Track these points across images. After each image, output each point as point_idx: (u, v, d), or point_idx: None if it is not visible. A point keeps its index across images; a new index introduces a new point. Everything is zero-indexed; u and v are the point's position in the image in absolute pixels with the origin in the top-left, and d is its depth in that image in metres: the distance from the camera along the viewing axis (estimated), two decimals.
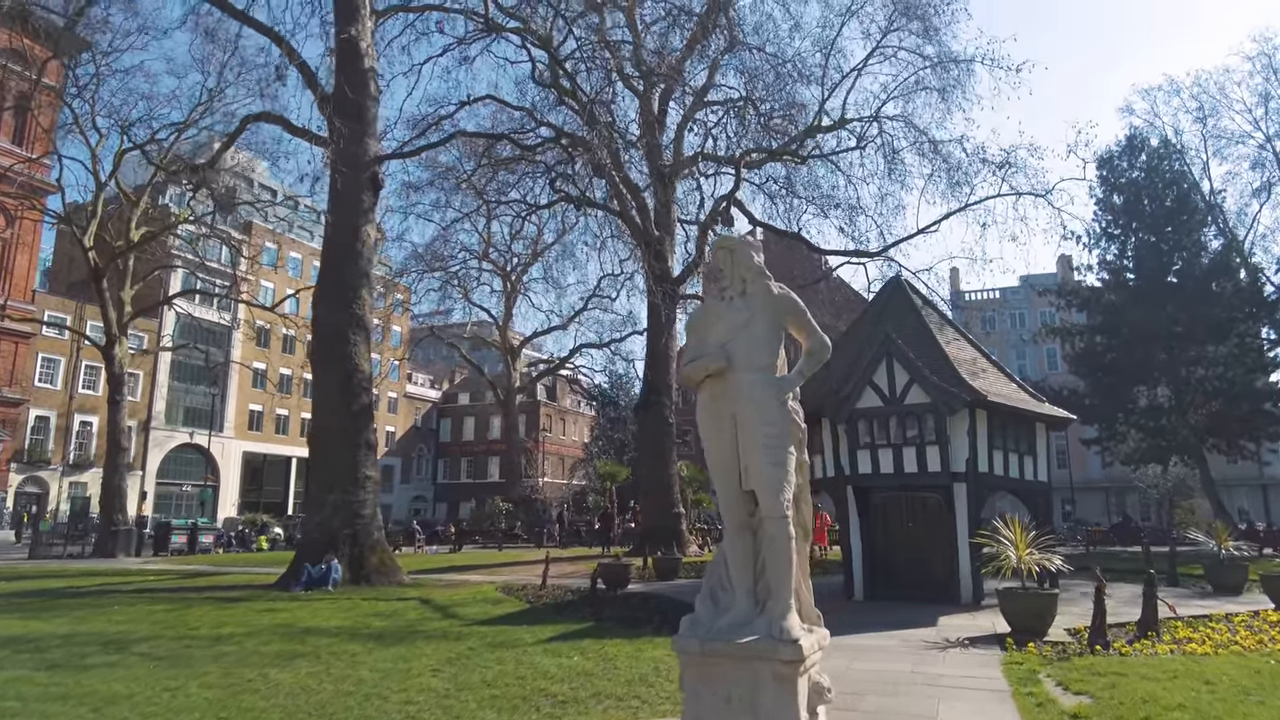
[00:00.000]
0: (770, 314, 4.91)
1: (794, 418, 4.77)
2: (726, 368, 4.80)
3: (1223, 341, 30.89)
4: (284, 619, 10.29)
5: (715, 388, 4.85)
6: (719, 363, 4.76)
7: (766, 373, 4.79)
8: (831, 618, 11.18)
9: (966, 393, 12.42)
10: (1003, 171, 22.76)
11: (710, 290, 5.18)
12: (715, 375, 4.83)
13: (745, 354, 4.81)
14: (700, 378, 4.89)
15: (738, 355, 4.82)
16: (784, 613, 4.37)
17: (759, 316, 4.88)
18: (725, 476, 4.76)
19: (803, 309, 5.01)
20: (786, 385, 4.81)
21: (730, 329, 4.89)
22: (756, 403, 4.66)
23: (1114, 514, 47.20)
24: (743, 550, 4.63)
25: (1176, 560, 16.02)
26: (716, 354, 4.82)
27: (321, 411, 16.03)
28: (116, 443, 29.34)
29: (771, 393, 4.70)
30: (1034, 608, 9.34)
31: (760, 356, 4.80)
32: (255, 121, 19.76)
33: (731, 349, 4.85)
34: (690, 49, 26.85)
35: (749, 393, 4.71)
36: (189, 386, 49.91)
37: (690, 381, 4.95)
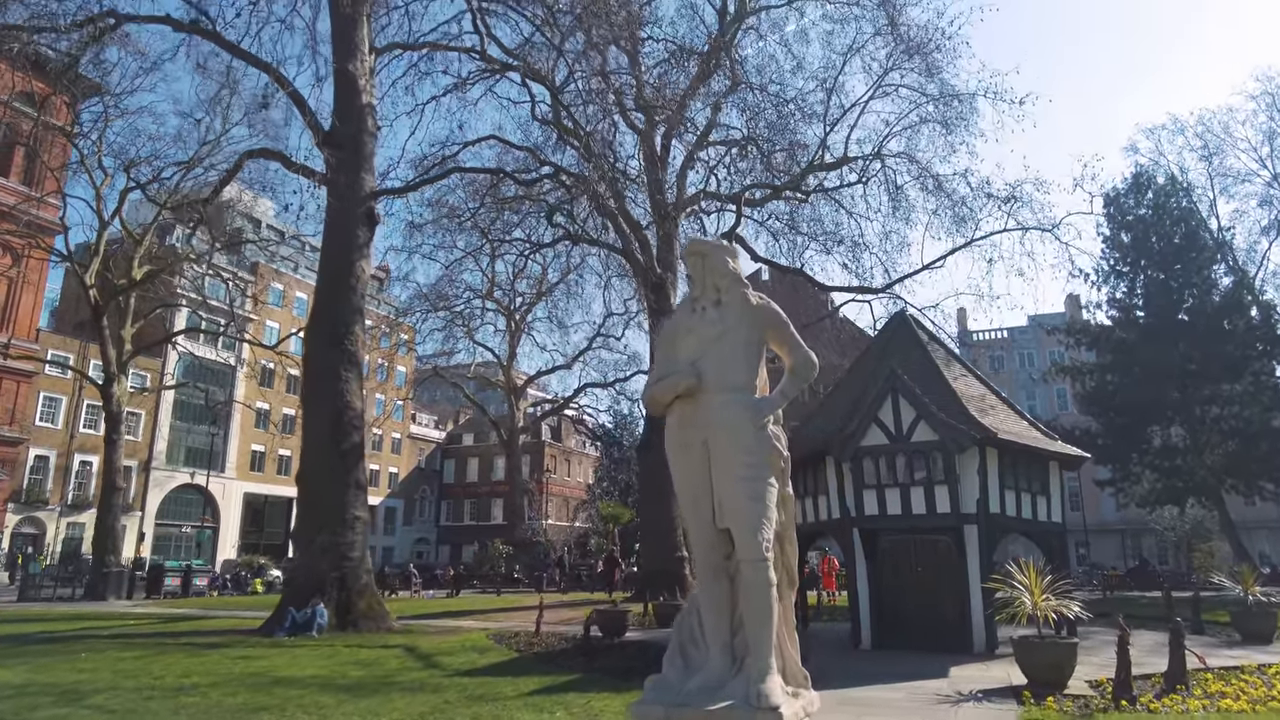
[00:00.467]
0: (748, 327, 4.38)
1: (775, 444, 4.25)
2: (697, 387, 4.27)
3: (1237, 380, 30.28)
4: (257, 667, 9.76)
5: (684, 411, 4.32)
6: (688, 381, 4.26)
7: (743, 393, 4.26)
8: (837, 667, 10.64)
9: (975, 430, 11.93)
10: (1008, 206, 22.51)
11: (682, 302, 4.74)
12: (685, 396, 4.30)
13: (718, 371, 4.28)
14: (667, 400, 4.35)
15: (710, 373, 4.28)
16: (764, 673, 3.80)
17: (735, 329, 4.36)
18: (696, 513, 4.23)
19: (785, 321, 4.49)
20: (766, 407, 4.26)
21: (702, 343, 4.37)
22: (731, 427, 4.13)
23: (1130, 557, 46.07)
24: (718, 599, 4.08)
25: (1200, 606, 15.30)
26: (685, 372, 4.31)
27: (311, 450, 15.62)
28: (112, 482, 28.95)
29: (748, 416, 4.17)
30: (1052, 658, 8.75)
31: (735, 374, 4.28)
32: (253, 157, 19.68)
33: (703, 366, 4.31)
34: (693, 89, 26.89)
35: (723, 416, 4.18)
36: (191, 426, 49.57)
37: (655, 406, 4.42)
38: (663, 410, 4.43)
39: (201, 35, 17.09)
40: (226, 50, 16.86)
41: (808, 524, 14.08)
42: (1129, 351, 32.03)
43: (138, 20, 17.60)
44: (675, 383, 4.31)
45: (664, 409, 4.43)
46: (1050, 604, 9.22)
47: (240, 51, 16.55)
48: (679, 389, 4.29)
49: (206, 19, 16.93)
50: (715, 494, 4.13)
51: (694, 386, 4.28)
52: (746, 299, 4.48)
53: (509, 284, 42.10)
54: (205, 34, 17.02)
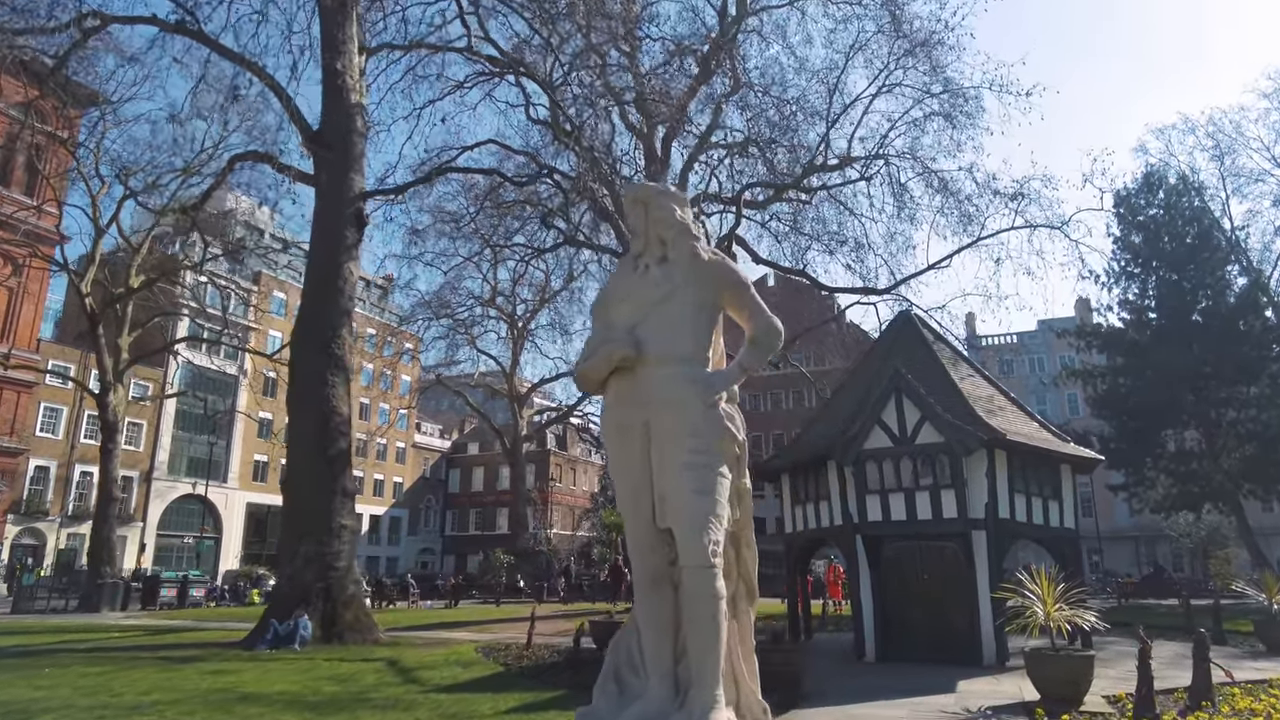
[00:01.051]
0: (697, 287, 3.72)
1: (728, 426, 3.58)
2: (635, 359, 3.61)
3: (1253, 382, 29.54)
4: (227, 683, 9.28)
5: (622, 387, 3.67)
6: (622, 351, 3.61)
7: (691, 365, 3.62)
8: (838, 682, 10.07)
9: (983, 431, 11.40)
10: (1016, 203, 21.95)
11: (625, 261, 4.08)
12: (623, 370, 3.65)
13: (662, 339, 3.63)
14: (601, 376, 3.70)
15: (651, 341, 3.62)
16: (708, 708, 3.18)
17: (682, 290, 3.70)
18: (636, 510, 3.57)
19: (744, 280, 3.83)
20: (718, 382, 3.63)
21: (643, 307, 3.72)
22: (675, 406, 3.48)
23: (1145, 565, 45.20)
24: (659, 615, 3.44)
25: (1221, 615, 14.69)
26: (620, 340, 3.65)
27: (296, 456, 15.17)
28: (108, 493, 28.63)
29: (696, 392, 3.52)
30: (1067, 672, 8.19)
31: (682, 342, 3.63)
32: (242, 160, 19.35)
33: (643, 333, 3.65)
34: (693, 90, 26.46)
35: (665, 392, 3.52)
36: (193, 436, 49.25)
37: (588, 383, 3.77)
38: (598, 388, 3.79)
39: (187, 35, 16.78)
40: (212, 49, 16.54)
41: (809, 530, 13.57)
42: (1141, 354, 31.33)
43: (123, 21, 17.31)
44: (608, 353, 3.66)
45: (599, 387, 3.78)
46: (1064, 614, 8.67)
47: (225, 50, 16.22)
48: (612, 360, 3.65)
49: (193, 19, 16.61)
50: (656, 486, 3.50)
51: (631, 358, 3.64)
52: (696, 254, 3.81)
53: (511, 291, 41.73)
54: (191, 34, 16.71)
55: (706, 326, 3.81)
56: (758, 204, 26.86)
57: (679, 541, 3.35)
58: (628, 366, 3.66)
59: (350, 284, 16.22)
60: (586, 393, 3.82)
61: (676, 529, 3.37)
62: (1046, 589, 8.78)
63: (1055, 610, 8.63)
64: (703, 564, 3.27)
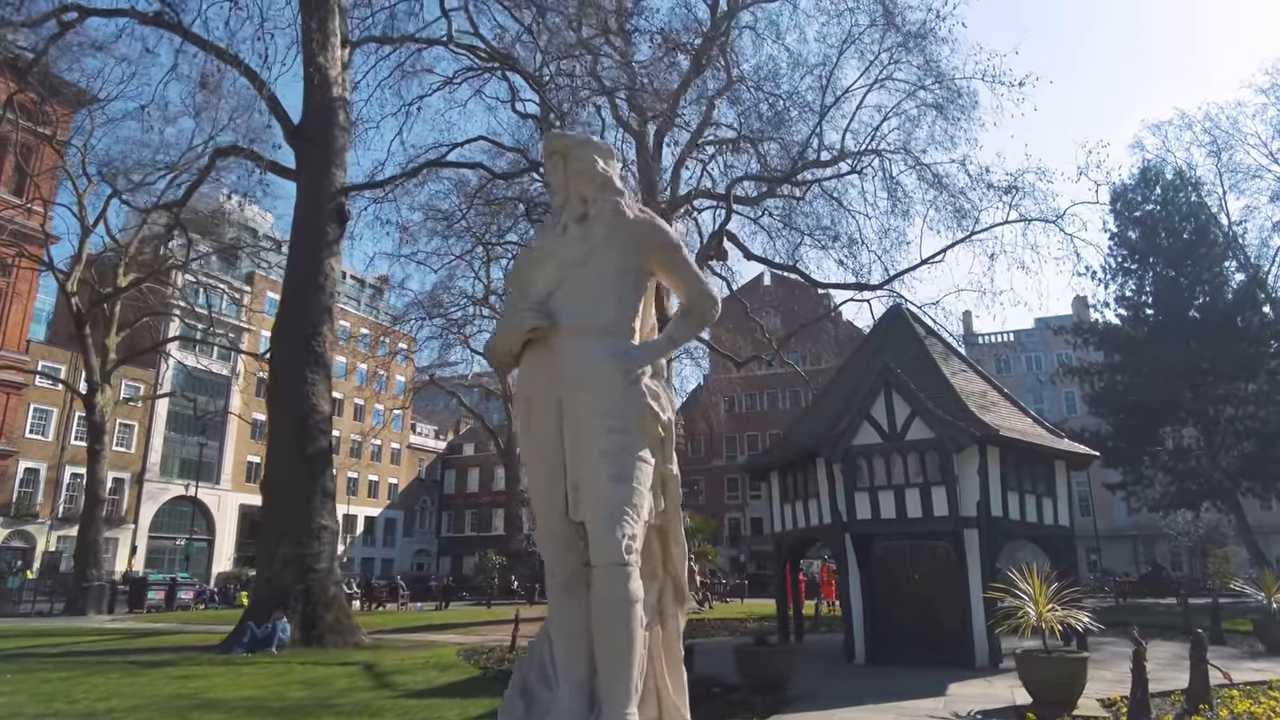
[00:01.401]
0: (620, 248, 3.34)
1: (651, 405, 3.19)
2: (547, 329, 3.24)
3: (1252, 378, 29.27)
4: (192, 688, 8.98)
5: (534, 362, 3.31)
6: (531, 320, 3.25)
7: (611, 336, 3.26)
8: (825, 685, 9.73)
9: (975, 427, 11.09)
10: (1010, 197, 21.69)
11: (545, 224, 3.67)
12: (536, 343, 3.28)
13: (577, 307, 3.26)
14: (512, 349, 3.31)
15: (567, 309, 3.26)
16: None
17: (602, 251, 3.33)
18: (548, 501, 3.19)
19: (676, 242, 3.46)
20: (641, 355, 3.27)
21: (560, 271, 3.35)
22: (592, 382, 3.13)
23: (1143, 563, 44.93)
24: (571, 620, 3.05)
25: (1220, 614, 14.40)
26: (529, 308, 3.29)
27: (275, 455, 14.85)
28: (95, 494, 28.35)
29: (615, 366, 3.16)
30: (1059, 674, 7.88)
31: (602, 310, 3.27)
32: (225, 155, 19.06)
33: (559, 301, 3.29)
34: (685, 85, 26.18)
35: (581, 366, 3.16)
36: (185, 438, 48.90)
37: (499, 359, 3.40)
38: (511, 365, 3.41)
39: (165, 27, 16.49)
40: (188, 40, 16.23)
41: (798, 530, 13.27)
42: (1139, 350, 31.06)
43: (102, 14, 17.00)
44: (516, 324, 3.29)
45: (511, 362, 3.39)
46: (1057, 614, 8.38)
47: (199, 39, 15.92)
48: (520, 331, 3.27)
49: (170, 10, 16.32)
50: (569, 474, 3.13)
51: (542, 328, 3.25)
52: (619, 210, 3.41)
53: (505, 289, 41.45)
54: (169, 26, 16.43)
55: (631, 293, 3.41)
56: (750, 200, 26.59)
57: (589, 536, 2.99)
58: (541, 339, 3.28)
59: (331, 280, 15.92)
60: (500, 371, 3.39)
61: (588, 521, 3.01)
62: (1039, 589, 8.50)
63: (1047, 610, 8.34)
64: (614, 561, 2.89)
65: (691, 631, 17.16)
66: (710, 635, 16.24)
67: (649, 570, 3.23)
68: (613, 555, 2.90)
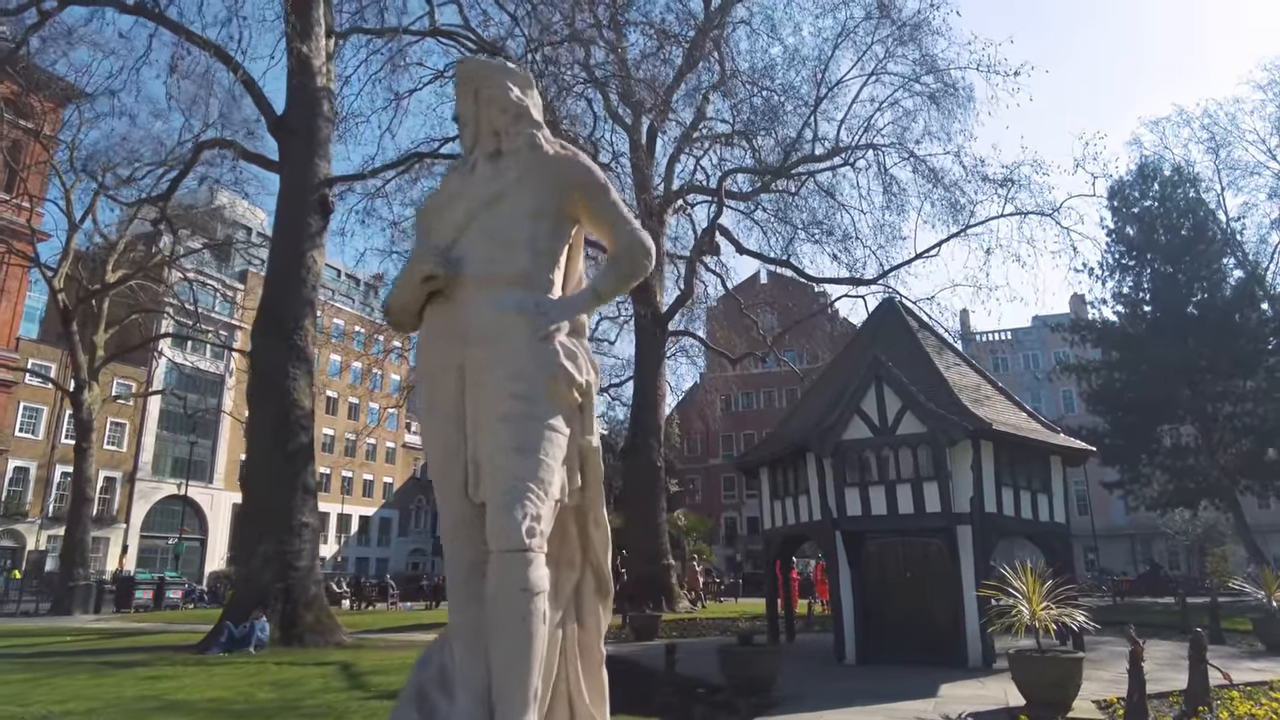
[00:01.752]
0: (536, 188, 2.92)
1: (565, 366, 2.78)
2: (447, 279, 2.83)
3: (1250, 376, 29.04)
4: (157, 689, 8.68)
5: (435, 320, 2.91)
6: (425, 269, 2.83)
7: (522, 287, 2.83)
8: (813, 686, 9.45)
9: (968, 421, 10.81)
10: (1005, 190, 21.46)
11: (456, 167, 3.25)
12: (439, 298, 2.88)
13: (484, 255, 2.84)
14: (411, 307, 2.93)
15: (472, 257, 2.84)
16: None
17: (515, 191, 2.91)
18: (445, 480, 2.80)
19: (603, 183, 3.05)
20: (556, 311, 2.85)
21: (466, 214, 2.93)
22: (496, 340, 2.72)
23: (1140, 562, 44.73)
24: (475, 618, 2.67)
25: (1219, 613, 14.15)
26: (426, 255, 2.86)
27: (255, 451, 14.55)
28: (82, 492, 27.99)
29: (523, 320, 2.76)
30: (1053, 675, 7.61)
31: (511, 259, 2.84)
32: (209, 147, 18.77)
33: (464, 247, 2.86)
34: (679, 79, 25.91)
35: (485, 322, 2.76)
36: (177, 437, 48.57)
37: (398, 316, 3.00)
38: (410, 323, 3.00)
39: (147, 17, 16.17)
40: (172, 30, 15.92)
41: (788, 527, 13.00)
42: (1136, 347, 30.81)
43: (80, 2, 16.68)
44: (410, 273, 2.88)
45: (412, 321, 2.98)
46: (1051, 613, 8.12)
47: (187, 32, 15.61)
48: (413, 281, 2.86)
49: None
50: (470, 447, 2.73)
51: (441, 279, 2.82)
52: (536, 145, 2.99)
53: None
54: (151, 15, 16.11)
55: (549, 240, 2.97)
56: (744, 195, 26.34)
57: (487, 517, 2.59)
58: (444, 293, 2.86)
59: (314, 273, 15.62)
60: (401, 332, 2.97)
61: (487, 500, 2.63)
62: (1032, 587, 8.23)
63: (1041, 609, 8.08)
64: (512, 546, 2.47)
65: (683, 631, 17.00)
66: (702, 635, 15.97)
67: (565, 558, 2.88)
68: (510, 539, 2.49)
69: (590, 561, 2.92)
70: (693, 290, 25.35)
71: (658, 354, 24.52)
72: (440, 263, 2.84)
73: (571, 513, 2.91)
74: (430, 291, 2.92)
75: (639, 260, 3.02)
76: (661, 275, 26.44)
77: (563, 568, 2.86)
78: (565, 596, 2.81)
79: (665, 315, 24.77)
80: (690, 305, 27.86)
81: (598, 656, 2.94)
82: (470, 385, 2.77)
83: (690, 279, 25.06)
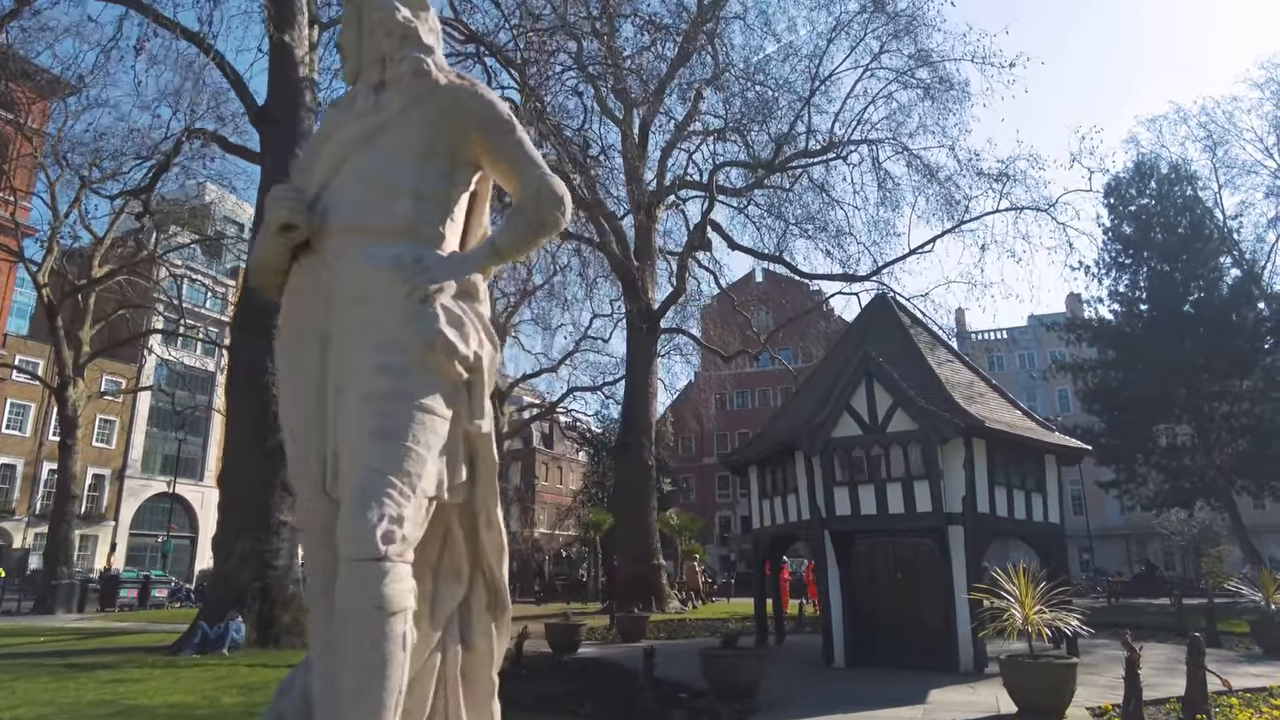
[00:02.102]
0: (425, 124, 2.50)
1: (445, 334, 2.32)
2: (317, 231, 2.40)
3: (1247, 375, 28.82)
4: (118, 693, 8.37)
5: (299, 281, 2.52)
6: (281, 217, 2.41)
7: (402, 239, 2.40)
8: (799, 691, 9.16)
9: (960, 418, 10.54)
10: (1000, 184, 21.21)
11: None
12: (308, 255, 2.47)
13: (355, 199, 2.41)
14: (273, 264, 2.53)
15: (341, 202, 2.42)
16: None
17: (399, 127, 2.49)
18: (304, 471, 2.41)
19: (504, 117, 2.61)
20: (441, 267, 2.41)
21: (339, 153, 2.52)
22: (365, 300, 2.31)
23: (1136, 563, 44.53)
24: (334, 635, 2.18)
25: (1215, 615, 13.89)
26: (284, 200, 2.43)
27: (233, 448, 14.23)
28: (66, 490, 27.56)
29: (398, 277, 2.32)
30: (1046, 681, 7.35)
31: (388, 206, 2.41)
32: (192, 137, 18.44)
33: (334, 193, 2.44)
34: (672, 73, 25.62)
35: (352, 279, 2.35)
36: (167, 434, 48.13)
37: (259, 280, 2.65)
38: (275, 285, 2.62)
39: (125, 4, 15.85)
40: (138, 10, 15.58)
41: (777, 526, 12.72)
42: (1133, 346, 30.58)
43: None
44: (268, 224, 2.46)
45: (276, 282, 2.62)
46: (1044, 616, 7.85)
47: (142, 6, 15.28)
48: (270, 232, 2.41)
49: None
50: (331, 432, 2.33)
51: (302, 229, 2.38)
52: (423, 71, 2.55)
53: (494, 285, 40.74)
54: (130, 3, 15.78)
55: (439, 185, 2.52)
56: (737, 191, 26.05)
57: (342, 516, 2.13)
58: (312, 247, 2.42)
59: None
60: (268, 296, 2.54)
61: (342, 497, 2.18)
62: (1025, 589, 7.96)
63: (1034, 613, 7.81)
64: (363, 555, 2.04)
65: (672, 632, 16.72)
66: (691, 636, 15.70)
67: (449, 568, 2.43)
68: (361, 546, 2.05)
69: (482, 571, 2.48)
70: (685, 286, 25.07)
71: (649, 351, 24.24)
72: (294, 207, 2.41)
73: (456, 512, 2.46)
74: (296, 247, 2.50)
75: (547, 211, 2.57)
76: (654, 270, 26.16)
77: (445, 579, 2.43)
78: (446, 614, 2.38)
79: (657, 312, 24.49)
80: (683, 302, 27.60)
81: (487, 686, 2.52)
82: (334, 357, 2.36)
83: (682, 275, 24.77)
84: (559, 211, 2.60)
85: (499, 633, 2.54)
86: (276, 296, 2.64)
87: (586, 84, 25.08)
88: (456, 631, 2.39)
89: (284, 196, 2.46)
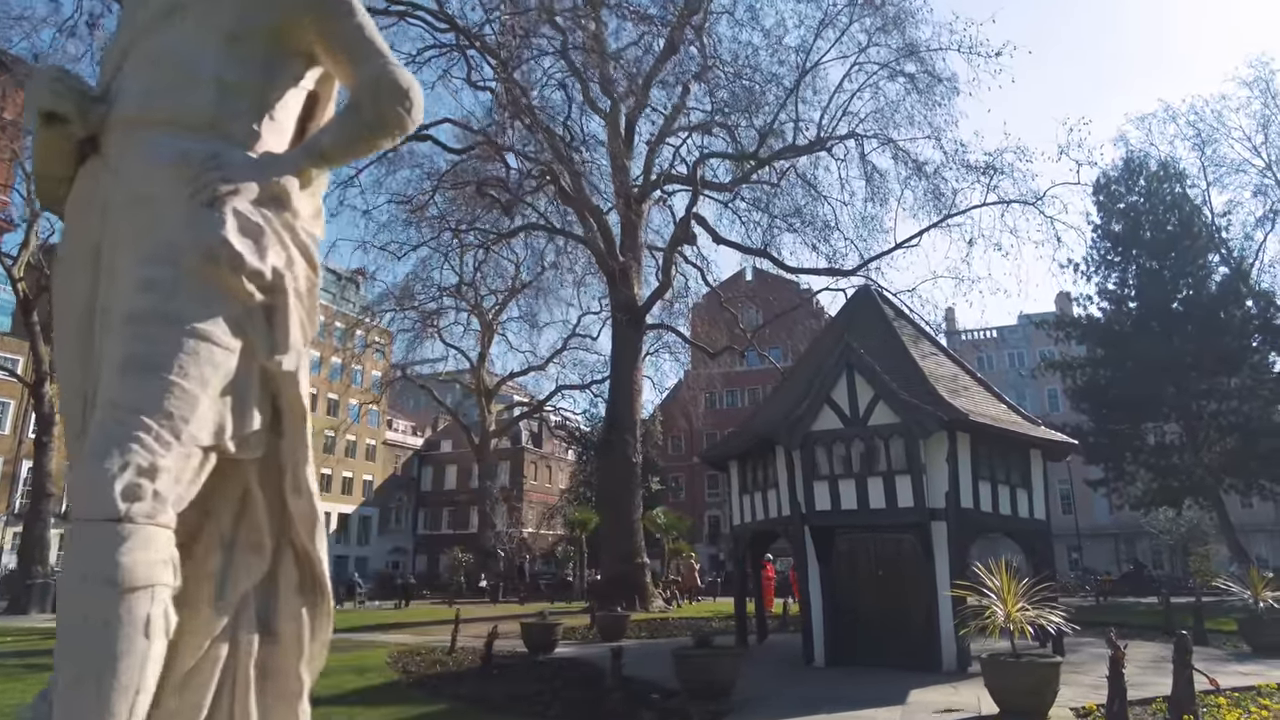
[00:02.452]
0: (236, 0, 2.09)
1: (230, 243, 1.87)
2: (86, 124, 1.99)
3: (1235, 373, 28.71)
4: None
5: (80, 187, 2.07)
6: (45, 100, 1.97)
7: (200, 135, 1.99)
8: (777, 691, 8.90)
9: (944, 411, 10.29)
10: (988, 178, 20.96)
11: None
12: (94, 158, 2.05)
13: (144, 84, 2.02)
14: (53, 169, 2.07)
15: (128, 89, 2.03)
16: None
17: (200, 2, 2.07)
18: (68, 416, 2.02)
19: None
20: (240, 170, 1.97)
21: (130, 35, 2.12)
22: (140, 203, 1.91)
23: (1124, 562, 44.49)
24: None
25: (1203, 614, 13.69)
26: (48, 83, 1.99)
27: None
28: (42, 488, 27.06)
29: (183, 180, 1.90)
30: (1029, 681, 7.08)
31: (181, 93, 2.00)
32: None
33: (123, 79, 2.05)
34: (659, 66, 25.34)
35: (130, 179, 1.95)
36: None
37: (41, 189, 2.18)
38: (60, 194, 2.14)
39: None
40: None
41: (757, 522, 12.44)
42: (1121, 344, 30.44)
43: None
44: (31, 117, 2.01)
45: (60, 192, 2.13)
46: (1027, 614, 7.59)
47: None
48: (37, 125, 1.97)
49: None
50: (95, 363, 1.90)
51: (74, 121, 1.96)
52: None
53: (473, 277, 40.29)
54: None
55: (254, 74, 2.10)
56: (723, 185, 25.78)
57: (72, 469, 1.77)
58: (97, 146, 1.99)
59: None
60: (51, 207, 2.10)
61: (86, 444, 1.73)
62: (1008, 586, 7.70)
63: (1017, 610, 7.55)
64: (94, 513, 1.62)
65: (653, 631, 16.42)
66: (672, 635, 15.38)
67: (246, 539, 1.98)
68: (93, 502, 1.63)
69: (292, 545, 2.02)
70: (670, 281, 24.78)
71: (634, 347, 23.93)
72: (58, 90, 1.97)
73: (254, 470, 2.01)
74: (80, 146, 2.07)
75: (386, 106, 2.13)
76: (640, 265, 25.87)
77: (241, 551, 1.98)
78: (241, 594, 1.93)
79: (642, 308, 24.19)
80: (670, 299, 27.32)
81: (295, 683, 2.02)
82: (104, 274, 1.95)
83: (668, 270, 24.47)
84: (401, 108, 2.15)
85: (314, 620, 2.06)
86: (56, 205, 2.19)
87: (572, 77, 24.83)
88: (253, 616, 1.95)
89: (44, 80, 2.03)
